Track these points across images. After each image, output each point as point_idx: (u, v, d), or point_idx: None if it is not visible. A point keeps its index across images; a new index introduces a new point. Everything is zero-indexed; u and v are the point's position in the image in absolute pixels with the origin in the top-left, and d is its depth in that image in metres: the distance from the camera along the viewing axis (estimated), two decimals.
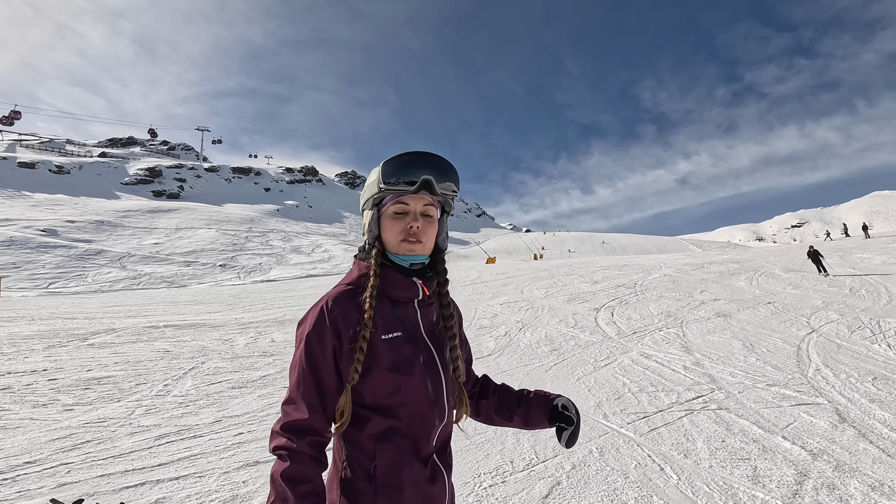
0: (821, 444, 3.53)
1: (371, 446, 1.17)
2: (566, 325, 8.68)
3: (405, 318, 1.25)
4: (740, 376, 5.22)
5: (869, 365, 5.38)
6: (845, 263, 14.53)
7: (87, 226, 39.40)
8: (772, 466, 3.24)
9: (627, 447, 3.67)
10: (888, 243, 21.09)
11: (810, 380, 4.99)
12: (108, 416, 4.56)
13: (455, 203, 1.36)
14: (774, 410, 4.22)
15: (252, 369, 6.41)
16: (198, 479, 3.32)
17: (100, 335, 8.32)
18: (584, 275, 16.30)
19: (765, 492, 2.92)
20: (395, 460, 1.16)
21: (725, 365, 5.66)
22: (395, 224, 1.23)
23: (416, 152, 1.23)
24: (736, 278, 13.02)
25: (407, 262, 1.25)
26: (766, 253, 22.17)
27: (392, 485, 1.14)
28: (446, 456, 1.29)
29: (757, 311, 8.74)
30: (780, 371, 5.33)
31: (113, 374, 6.01)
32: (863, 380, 4.90)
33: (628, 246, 73.04)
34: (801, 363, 5.58)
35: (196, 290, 22.21)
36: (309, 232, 59.15)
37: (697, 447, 3.59)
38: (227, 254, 37.35)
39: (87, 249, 31.52)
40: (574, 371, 5.85)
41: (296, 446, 1.10)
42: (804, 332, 7.06)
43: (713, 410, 4.30)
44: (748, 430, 3.83)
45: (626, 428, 4.04)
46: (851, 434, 3.67)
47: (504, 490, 3.12)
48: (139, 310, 12.01)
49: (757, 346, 6.45)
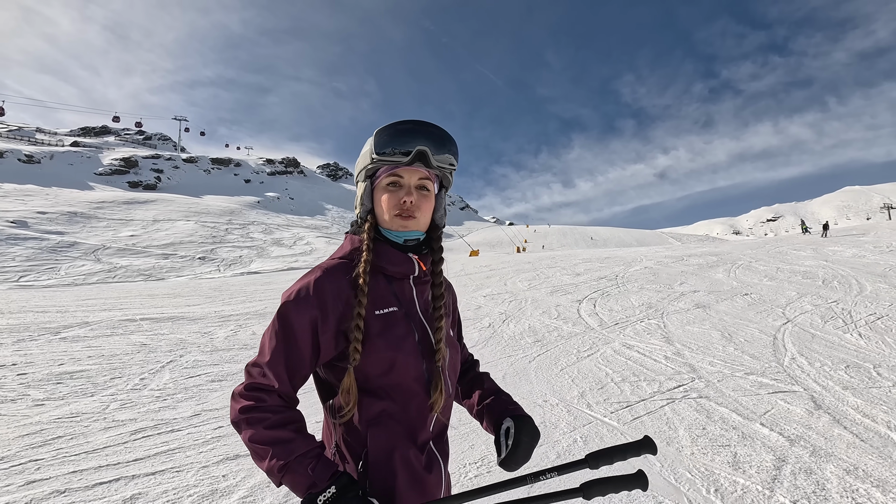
0: (797, 430, 3.61)
1: (363, 431, 1.09)
2: (549, 316, 8.73)
3: (401, 294, 1.19)
4: (719, 365, 5.31)
5: (842, 353, 5.53)
6: (818, 256, 14.92)
7: (59, 217, 38.15)
8: (751, 452, 3.29)
9: (611, 436, 3.69)
10: (858, 236, 21.75)
11: (786, 368, 5.10)
12: (81, 411, 4.42)
13: (453, 178, 1.27)
14: (752, 398, 4.31)
15: (232, 362, 6.29)
16: (175, 474, 3.23)
17: (73, 329, 8.06)
18: (566, 267, 16.42)
19: (745, 477, 2.97)
20: (388, 446, 1.09)
21: (705, 355, 5.76)
22: (388, 198, 1.16)
23: (411, 121, 1.15)
24: (714, 270, 13.26)
25: (401, 237, 1.18)
26: (742, 246, 22.64)
27: (385, 472, 1.07)
28: (443, 444, 1.23)
29: (735, 303, 8.91)
30: (758, 360, 5.44)
31: (86, 368, 5.83)
32: (836, 368, 5.02)
33: (610, 239, 73.98)
34: (777, 352, 5.71)
35: (174, 283, 21.73)
36: (290, 224, 58.35)
37: (679, 435, 3.64)
38: (207, 246, 36.59)
39: (60, 242, 30.53)
40: (557, 362, 5.88)
41: (267, 402, 1.04)
42: (780, 322, 7.22)
43: (694, 399, 4.37)
44: (728, 418, 3.90)
45: (609, 417, 4.07)
46: (826, 420, 3.76)
47: (489, 480, 3.11)
48: (115, 303, 11.69)
49: (735, 336, 6.57)
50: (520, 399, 4.60)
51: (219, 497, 2.94)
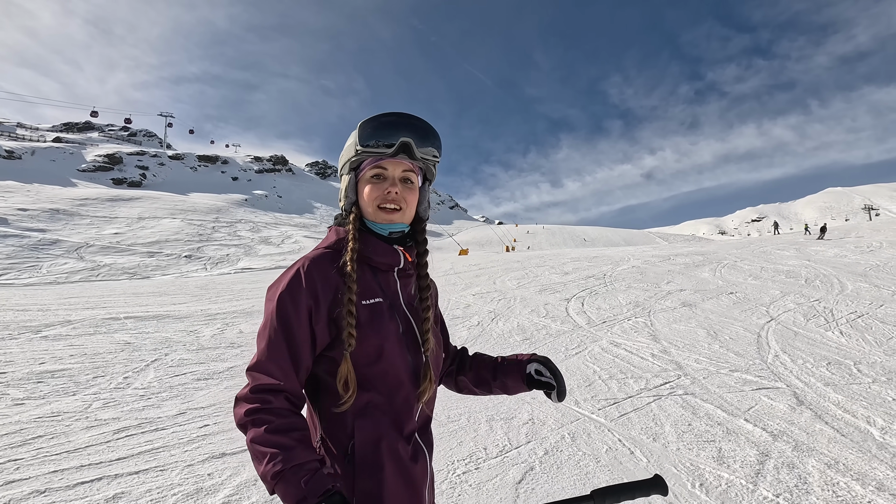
0: (780, 425, 3.67)
1: (349, 423, 1.08)
2: (538, 314, 8.77)
3: (385, 285, 1.18)
4: (705, 363, 5.37)
5: (823, 351, 5.63)
6: (801, 256, 15.19)
7: (40, 214, 37.38)
8: (735, 447, 3.34)
9: (599, 432, 3.72)
10: (840, 237, 22.20)
11: (770, 365, 5.18)
12: (63, 410, 4.34)
13: (437, 170, 1.27)
14: (737, 395, 4.37)
15: (219, 360, 6.22)
16: (159, 473, 3.19)
17: (54, 327, 7.91)
18: (555, 266, 16.51)
19: (729, 472, 3.01)
20: (375, 437, 1.08)
21: (691, 352, 5.83)
22: (372, 189, 1.15)
23: (395, 113, 1.15)
24: (700, 270, 13.43)
25: (385, 230, 1.18)
26: (728, 246, 22.96)
27: (372, 464, 1.06)
28: (428, 435, 1.23)
29: (720, 301, 9.03)
30: (742, 357, 5.52)
31: (68, 366, 5.72)
32: (818, 365, 5.12)
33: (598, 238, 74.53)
34: (761, 350, 5.80)
35: (160, 281, 21.44)
36: (278, 223, 57.89)
37: (665, 431, 3.68)
38: (193, 244, 36.13)
39: (42, 239, 29.93)
40: None
41: (273, 403, 1.00)
42: (764, 320, 7.34)
43: (680, 396, 4.42)
44: (713, 414, 3.95)
45: (597, 414, 4.10)
46: (808, 416, 3.82)
47: (478, 476, 3.11)
48: (98, 301, 11.49)
49: (720, 334, 6.66)
50: (509, 397, 4.63)
51: (204, 495, 2.91)
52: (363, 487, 1.05)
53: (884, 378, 4.63)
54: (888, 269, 11.85)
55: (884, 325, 6.64)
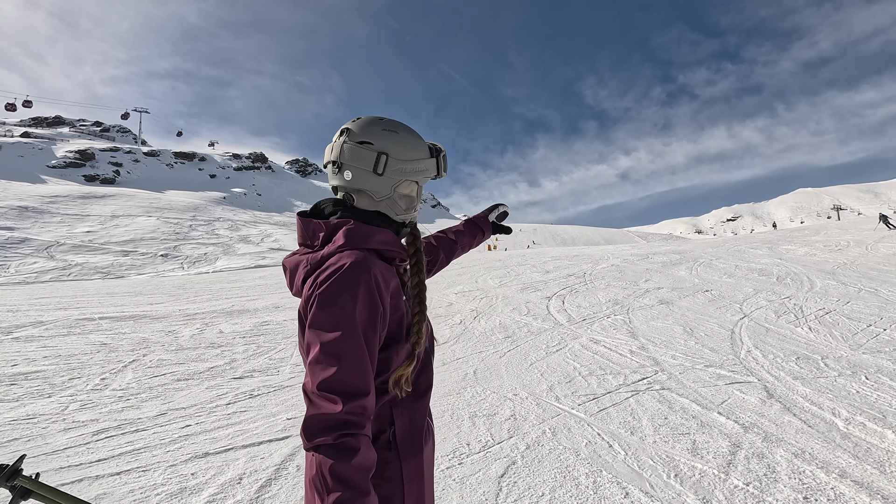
0: (751, 418, 3.82)
1: (387, 412, 1.16)
2: (519, 312, 8.88)
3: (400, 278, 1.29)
4: (681, 359, 5.54)
5: (793, 346, 5.85)
6: (773, 254, 15.66)
7: (8, 212, 36.10)
8: (709, 439, 3.47)
9: (578, 427, 3.82)
10: (810, 235, 22.92)
11: (742, 360, 5.37)
12: (39, 413, 4.25)
13: None
14: (711, 389, 4.52)
15: (199, 360, 6.15)
16: (142, 473, 3.16)
17: (26, 328, 7.70)
18: (536, 265, 16.68)
19: (703, 462, 3.13)
20: (411, 423, 1.19)
21: (668, 348, 5.99)
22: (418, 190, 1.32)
23: None
24: (677, 268, 13.74)
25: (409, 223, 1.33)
26: (704, 244, 23.51)
27: (412, 448, 1.17)
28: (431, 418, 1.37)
29: (696, 299, 9.28)
30: (716, 353, 5.70)
31: (42, 368, 5.59)
32: (787, 359, 5.32)
33: (578, 237, 75.38)
34: (734, 346, 5.99)
35: (135, 280, 20.93)
36: (258, 221, 56.96)
37: (643, 424, 3.80)
38: (170, 243, 35.33)
39: (9, 238, 28.90)
40: (527, 357, 6.01)
41: (363, 429, 0.97)
42: (737, 317, 7.57)
43: (657, 390, 4.55)
44: (688, 408, 4.09)
45: (577, 409, 4.20)
46: (778, 408, 3.99)
47: (461, 471, 3.17)
48: (71, 301, 11.19)
49: (696, 330, 6.86)
50: (491, 393, 4.70)
51: (188, 495, 2.90)
52: (409, 469, 1.16)
53: (849, 372, 4.84)
54: (854, 268, 12.34)
55: (850, 322, 6.92)
